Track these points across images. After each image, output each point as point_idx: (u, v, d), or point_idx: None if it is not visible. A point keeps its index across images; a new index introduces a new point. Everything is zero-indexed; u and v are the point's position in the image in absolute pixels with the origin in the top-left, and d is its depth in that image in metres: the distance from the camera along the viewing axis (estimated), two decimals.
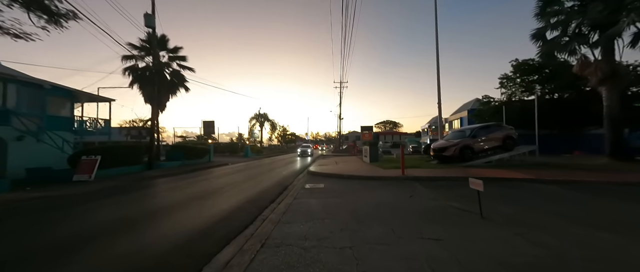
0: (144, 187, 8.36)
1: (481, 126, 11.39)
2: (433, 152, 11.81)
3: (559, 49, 12.42)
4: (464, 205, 4.69)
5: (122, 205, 5.86)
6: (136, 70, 14.51)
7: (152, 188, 8.18)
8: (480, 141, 10.85)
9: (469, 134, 11.02)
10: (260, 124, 39.40)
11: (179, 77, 16.09)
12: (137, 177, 10.44)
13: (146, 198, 6.69)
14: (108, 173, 10.43)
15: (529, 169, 8.99)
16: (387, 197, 5.69)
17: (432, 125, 51.11)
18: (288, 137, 68.85)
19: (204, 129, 25.47)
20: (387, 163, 12.74)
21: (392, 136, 71.36)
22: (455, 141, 10.89)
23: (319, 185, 7.52)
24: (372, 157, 14.00)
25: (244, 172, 12.47)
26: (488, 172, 8.22)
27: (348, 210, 4.59)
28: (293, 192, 6.72)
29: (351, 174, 9.08)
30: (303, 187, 7.25)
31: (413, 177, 7.85)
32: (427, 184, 7.07)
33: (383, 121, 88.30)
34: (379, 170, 10.09)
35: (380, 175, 8.52)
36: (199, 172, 12.88)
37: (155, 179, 10.32)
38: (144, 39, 14.09)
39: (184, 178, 10.51)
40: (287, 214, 4.47)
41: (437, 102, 14.37)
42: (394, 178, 8.00)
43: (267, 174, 11.79)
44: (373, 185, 7.29)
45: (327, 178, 9.09)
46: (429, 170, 9.19)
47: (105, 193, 7.27)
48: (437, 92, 14.36)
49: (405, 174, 8.15)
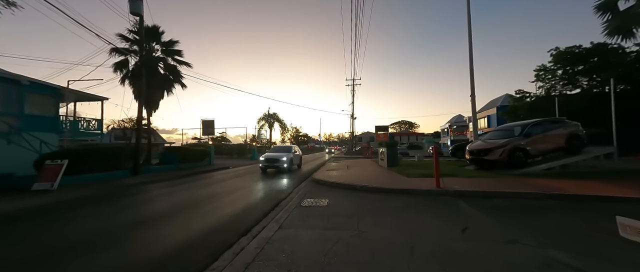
0: (107, 200, 6.70)
1: (536, 122, 8.84)
2: (470, 156, 9.40)
3: (637, 22, 9.58)
4: (581, 259, 2.48)
5: (57, 228, 4.16)
6: (125, 64, 13.20)
7: (114, 202, 6.49)
8: (536, 141, 8.32)
9: (520, 132, 8.49)
10: (270, 124, 37.93)
11: (174, 73, 14.68)
12: (114, 185, 8.90)
13: (87, 219, 4.95)
14: (80, 180, 8.96)
15: (621, 179, 6.40)
16: (426, 230, 3.54)
17: (454, 125, 47.43)
18: (300, 139, 67.32)
19: (203, 128, 24.12)
20: (409, 168, 10.45)
21: (408, 136, 67.93)
22: (502, 142, 8.44)
23: (321, 201, 5.47)
24: (390, 160, 11.75)
25: (238, 179, 10.67)
26: (564, 185, 5.80)
27: (362, 265, 2.52)
28: (283, 213, 4.73)
29: (366, 184, 6.96)
30: (299, 205, 5.24)
31: (454, 192, 5.59)
32: (482, 205, 4.83)
33: (398, 122, 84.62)
34: (401, 178, 7.89)
35: (406, 187, 6.33)
36: (191, 178, 11.24)
37: (132, 187, 8.72)
38: (132, 29, 12.73)
39: (167, 187, 8.84)
40: (251, 269, 2.48)
41: (470, 94, 11.89)
42: (427, 193, 5.79)
43: (264, 181, 9.90)
44: (398, 204, 5.14)
45: (334, 190, 7.03)
46: (472, 180, 6.87)
47: (59, 207, 5.70)
48: (470, 81, 11.89)
49: (441, 186, 5.90)
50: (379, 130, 28.68)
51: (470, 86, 11.93)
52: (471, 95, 11.96)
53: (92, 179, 9.36)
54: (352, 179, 8.18)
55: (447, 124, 50.30)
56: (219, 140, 39.60)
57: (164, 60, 14.57)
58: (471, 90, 11.90)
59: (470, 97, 11.99)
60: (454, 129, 46.55)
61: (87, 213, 5.38)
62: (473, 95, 11.87)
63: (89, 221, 4.77)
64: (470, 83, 11.95)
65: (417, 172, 8.96)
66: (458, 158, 14.77)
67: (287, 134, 65.06)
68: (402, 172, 9.29)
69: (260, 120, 37.69)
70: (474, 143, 9.93)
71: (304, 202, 5.45)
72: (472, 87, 11.90)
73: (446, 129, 51.36)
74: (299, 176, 11.30)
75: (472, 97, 11.89)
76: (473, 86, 11.90)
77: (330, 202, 5.39)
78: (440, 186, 5.89)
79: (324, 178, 8.52)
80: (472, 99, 11.91)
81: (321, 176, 9.17)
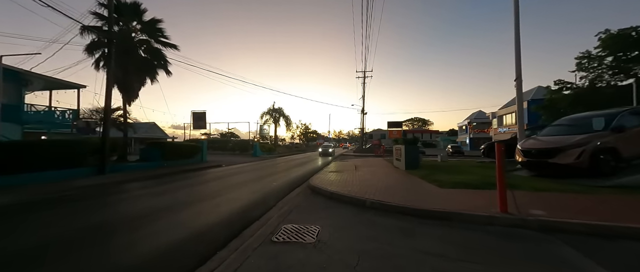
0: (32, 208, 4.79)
1: (632, 110, 6.20)
2: (524, 157, 6.89)
3: None
4: None
5: None
6: (98, 46, 11.38)
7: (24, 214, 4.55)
8: (633, 138, 5.73)
9: (604, 125, 5.87)
10: (275, 120, 35.94)
11: (157, 56, 12.79)
12: (64, 186, 7.09)
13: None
14: (17, 180, 7.18)
15: None
16: None
17: (473, 122, 43.78)
18: (310, 135, 65.31)
19: (193, 121, 22.23)
20: (435, 172, 8.06)
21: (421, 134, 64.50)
22: (577, 139, 5.88)
23: (307, 233, 3.27)
24: (409, 161, 9.37)
25: (221, 182, 8.65)
26: None
27: None
28: (234, 258, 2.58)
29: (381, 198, 4.70)
30: (270, 239, 3.07)
31: (539, 223, 3.22)
32: (608, 254, 2.49)
33: (411, 119, 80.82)
34: (429, 188, 5.56)
35: (444, 207, 4.02)
36: (165, 178, 9.32)
37: (78, 191, 6.88)
38: (102, 2, 10.86)
39: (121, 191, 6.93)
40: None
41: (515, 77, 9.26)
42: (486, 221, 3.45)
43: (247, 186, 7.81)
44: (438, 244, 2.87)
45: (333, 205, 4.83)
46: (552, 198, 4.45)
47: None
48: (516, 62, 9.26)
49: (509, 209, 3.54)
50: (392, 126, 26.07)
51: (516, 68, 9.30)
52: (516, 79, 9.33)
53: (35, 180, 7.56)
54: (360, 187, 5.92)
55: (466, 121, 46.65)
56: (228, 135, 38.32)
57: (147, 42, 12.73)
58: (516, 73, 9.28)
59: (515, 81, 9.36)
60: (473, 126, 42.95)
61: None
62: (519, 78, 9.25)
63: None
64: (516, 64, 9.33)
65: (449, 178, 6.57)
66: (492, 159, 12.11)
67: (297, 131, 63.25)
68: (428, 178, 6.92)
69: (264, 115, 35.76)
70: (527, 141, 7.39)
71: (280, 232, 3.27)
72: (517, 69, 9.27)
73: (464, 127, 47.71)
74: (296, 178, 9.14)
75: (518, 81, 9.26)
76: (519, 68, 9.27)
77: (322, 235, 3.19)
78: (508, 209, 3.53)
79: (323, 185, 6.31)
80: (518, 84, 9.29)
81: (319, 182, 6.95)
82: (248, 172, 11.29)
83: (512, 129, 30.03)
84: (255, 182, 8.56)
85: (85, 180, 8.26)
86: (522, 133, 9.13)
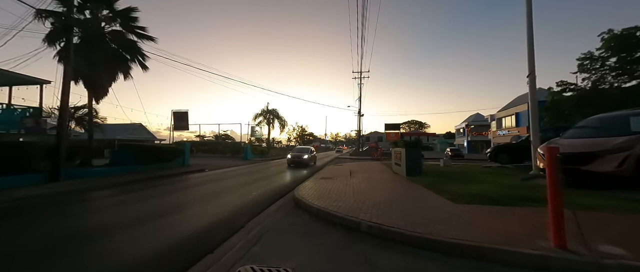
0: None
1: None
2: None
3: None
4: None
5: None
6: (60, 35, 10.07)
7: None
8: None
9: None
10: (268, 121, 34.65)
11: (130, 49, 11.54)
12: (1, 197, 5.83)
13: None
14: None
15: None
16: None
17: (471, 124, 43.10)
18: (306, 138, 64.06)
19: (175, 121, 20.66)
20: (443, 181, 6.95)
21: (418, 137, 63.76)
22: (617, 142, 4.83)
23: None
24: (410, 167, 8.26)
25: (193, 191, 7.43)
26: None
27: None
28: None
29: (381, 221, 3.59)
30: None
31: (627, 269, 2.12)
32: None
33: (407, 121, 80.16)
34: (440, 203, 4.44)
35: (470, 241, 2.90)
36: (134, 186, 8.04)
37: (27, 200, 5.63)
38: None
39: (72, 203, 5.68)
40: None
41: (528, 73, 8.27)
42: (540, 266, 2.33)
43: (222, 197, 6.60)
44: None
45: (316, 230, 3.70)
46: (620, 221, 3.36)
47: None
48: (528, 56, 8.29)
49: (569, 242, 2.43)
50: (389, 128, 25.08)
51: (529, 63, 8.34)
52: (529, 75, 8.35)
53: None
54: (353, 201, 4.77)
55: (464, 124, 46.02)
56: (222, 138, 36.98)
57: (119, 33, 11.48)
58: (529, 68, 8.30)
59: (528, 77, 8.38)
60: (471, 129, 42.27)
61: None
62: (532, 74, 8.26)
63: None
64: (529, 59, 8.36)
65: (461, 189, 5.47)
66: (501, 164, 11.09)
67: (293, 133, 61.99)
68: (435, 187, 5.81)
69: (257, 116, 34.41)
70: (555, 141, 6.33)
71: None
72: (530, 64, 8.30)
73: (462, 129, 47.08)
74: (280, 187, 7.96)
75: (531, 76, 8.28)
76: (533, 63, 8.30)
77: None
78: (566, 244, 2.41)
79: (309, 198, 5.14)
80: (531, 79, 8.30)
81: (306, 192, 5.78)
82: (230, 179, 10.07)
83: (511, 131, 29.29)
84: (233, 191, 7.35)
85: (30, 189, 6.96)
86: (537, 135, 8.12)
